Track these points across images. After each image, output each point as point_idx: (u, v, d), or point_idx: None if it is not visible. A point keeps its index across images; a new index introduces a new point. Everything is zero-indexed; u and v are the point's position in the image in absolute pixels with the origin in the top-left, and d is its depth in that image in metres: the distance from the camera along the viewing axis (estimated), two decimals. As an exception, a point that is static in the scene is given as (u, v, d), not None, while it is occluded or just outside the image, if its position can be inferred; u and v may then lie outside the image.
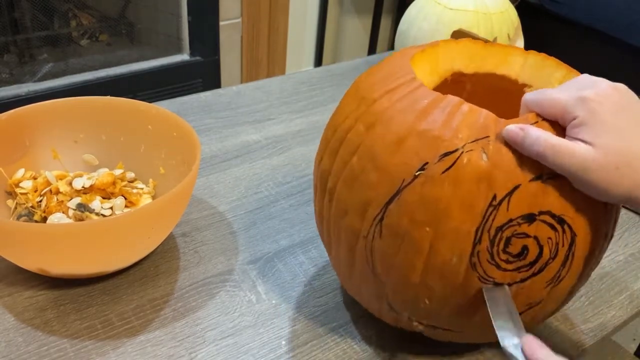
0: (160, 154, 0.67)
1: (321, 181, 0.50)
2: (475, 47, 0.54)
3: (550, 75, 0.52)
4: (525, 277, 0.43)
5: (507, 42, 0.92)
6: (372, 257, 0.46)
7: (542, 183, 0.41)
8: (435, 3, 0.92)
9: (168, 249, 0.64)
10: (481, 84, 0.55)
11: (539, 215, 0.41)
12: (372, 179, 0.44)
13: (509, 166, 0.41)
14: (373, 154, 0.44)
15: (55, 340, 0.52)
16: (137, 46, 1.85)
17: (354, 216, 0.46)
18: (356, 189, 0.45)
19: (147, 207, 0.54)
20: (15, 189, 0.63)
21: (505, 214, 0.41)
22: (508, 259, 0.42)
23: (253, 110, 0.93)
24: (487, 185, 0.41)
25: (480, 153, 0.41)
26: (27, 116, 0.64)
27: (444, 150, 0.42)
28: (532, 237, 0.42)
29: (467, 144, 0.41)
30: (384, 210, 0.44)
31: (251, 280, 0.61)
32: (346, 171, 0.46)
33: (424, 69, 0.51)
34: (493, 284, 0.44)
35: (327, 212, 0.50)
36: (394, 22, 2.48)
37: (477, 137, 0.42)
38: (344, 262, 0.50)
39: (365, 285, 0.49)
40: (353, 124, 0.47)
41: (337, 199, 0.48)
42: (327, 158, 0.49)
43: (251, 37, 1.95)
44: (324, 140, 0.51)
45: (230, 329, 0.55)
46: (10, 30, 1.56)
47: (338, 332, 0.56)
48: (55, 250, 0.52)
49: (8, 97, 1.48)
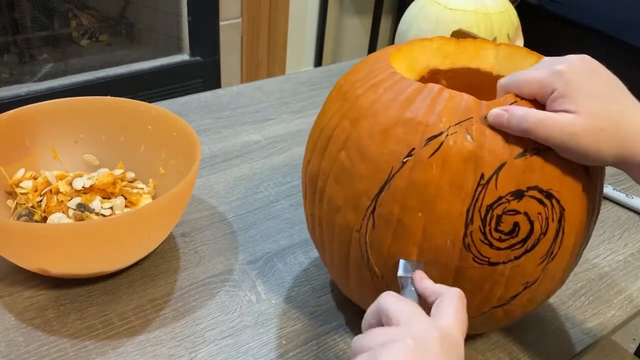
0: (160, 154, 0.67)
1: (310, 183, 0.51)
2: (448, 43, 0.56)
3: (521, 64, 0.54)
4: (519, 254, 0.44)
5: (507, 42, 0.92)
6: (367, 251, 0.46)
7: (527, 159, 0.42)
8: (435, 3, 0.92)
9: (168, 249, 0.64)
10: (456, 79, 0.56)
11: (527, 191, 0.42)
12: (361, 171, 0.45)
13: (493, 145, 0.42)
14: (361, 147, 0.45)
15: (56, 340, 0.52)
16: (137, 46, 1.85)
17: (347, 211, 0.46)
18: (347, 184, 0.46)
19: (147, 207, 0.54)
20: (15, 189, 0.63)
21: (494, 192, 0.42)
22: (501, 237, 0.43)
23: (253, 110, 0.94)
24: (474, 165, 0.42)
25: (464, 134, 0.42)
26: (27, 116, 0.64)
27: (429, 135, 0.43)
28: (522, 213, 0.42)
29: (451, 127, 0.43)
30: (375, 200, 0.44)
31: (251, 280, 0.61)
32: (335, 167, 0.47)
33: (400, 66, 0.52)
34: (488, 264, 0.44)
35: (318, 211, 0.50)
36: (393, 22, 2.48)
37: (460, 120, 0.43)
38: (338, 260, 0.50)
39: (361, 282, 0.50)
40: (339, 121, 0.48)
41: (328, 196, 0.48)
42: (314, 159, 0.50)
43: (251, 37, 1.95)
44: (311, 143, 0.52)
45: (230, 329, 0.55)
46: (10, 30, 1.56)
47: (338, 332, 0.56)
48: (56, 250, 0.52)
49: (8, 97, 1.48)
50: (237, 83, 1.98)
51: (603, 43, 1.69)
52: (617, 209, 0.77)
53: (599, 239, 0.71)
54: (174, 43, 1.81)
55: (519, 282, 0.46)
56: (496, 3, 0.91)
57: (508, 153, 0.42)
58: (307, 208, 0.53)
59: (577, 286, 0.64)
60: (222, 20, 1.82)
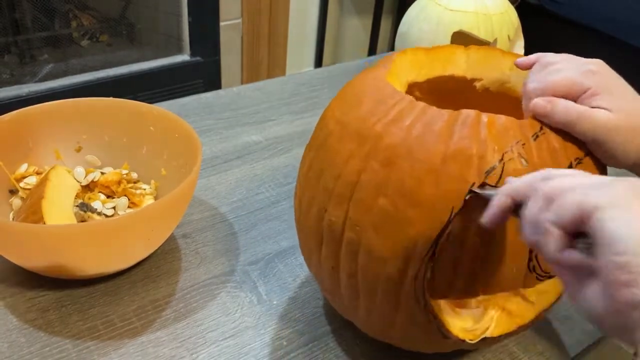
0: (162, 155, 0.67)
1: (331, 233, 0.45)
2: (419, 55, 0.54)
3: (498, 64, 0.53)
4: None
5: (507, 43, 0.92)
6: (423, 297, 0.43)
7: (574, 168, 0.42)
8: (436, 4, 0.92)
9: (169, 250, 0.64)
10: (430, 88, 0.55)
11: None
12: (412, 216, 0.41)
13: (544, 164, 0.42)
14: (405, 190, 0.41)
15: (58, 341, 0.52)
16: (138, 47, 1.85)
17: (397, 261, 0.42)
18: (393, 232, 0.42)
19: (148, 208, 0.54)
20: (18, 185, 0.63)
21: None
22: None
23: (254, 111, 0.94)
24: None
25: (519, 159, 0.41)
26: (30, 117, 0.64)
27: (486, 167, 0.40)
28: None
29: (505, 154, 0.41)
30: (435, 245, 0.41)
31: (252, 281, 0.61)
32: (373, 216, 0.42)
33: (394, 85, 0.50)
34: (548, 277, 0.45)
35: (348, 265, 0.45)
36: (394, 22, 2.48)
37: (511, 144, 0.41)
38: (383, 311, 0.46)
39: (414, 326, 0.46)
40: (363, 164, 0.43)
41: (367, 249, 0.43)
42: (335, 208, 0.45)
43: (251, 37, 1.95)
44: (321, 189, 0.46)
45: (232, 330, 0.55)
46: (11, 30, 1.56)
47: (339, 333, 0.56)
48: (57, 250, 0.52)
49: (9, 98, 1.49)
50: (238, 83, 1.98)
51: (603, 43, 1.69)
52: (617, 210, 0.77)
53: (599, 240, 0.71)
54: (174, 43, 1.81)
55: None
56: (496, 4, 0.91)
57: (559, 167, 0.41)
58: (324, 259, 0.48)
59: (577, 287, 0.64)
60: (222, 20, 1.82)
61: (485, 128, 0.41)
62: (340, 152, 0.45)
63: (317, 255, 0.49)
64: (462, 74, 0.55)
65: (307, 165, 0.49)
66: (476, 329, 0.47)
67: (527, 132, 0.42)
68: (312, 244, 0.49)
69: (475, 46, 0.55)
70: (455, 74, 0.55)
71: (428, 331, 0.46)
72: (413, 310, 0.44)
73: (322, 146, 0.47)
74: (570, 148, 0.43)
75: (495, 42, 0.90)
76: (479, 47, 0.55)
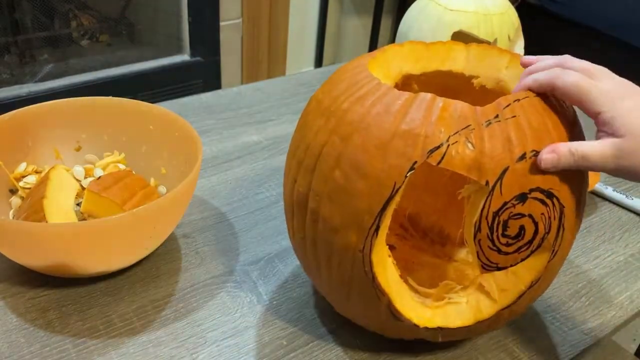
0: (162, 154, 0.67)
1: (299, 203, 0.48)
2: (418, 48, 0.55)
3: (496, 63, 0.54)
4: (525, 256, 0.45)
5: (507, 43, 0.92)
6: (371, 269, 0.45)
7: (527, 161, 0.42)
8: (436, 4, 0.92)
9: (169, 249, 0.64)
10: (428, 83, 0.55)
11: (530, 193, 0.42)
12: (360, 188, 0.43)
13: (494, 151, 0.42)
14: (357, 163, 0.43)
15: (58, 341, 0.52)
16: (138, 46, 1.85)
17: (347, 232, 0.45)
18: (344, 203, 0.44)
19: (148, 207, 0.54)
20: (17, 184, 0.63)
21: (500, 198, 0.42)
22: (508, 242, 0.43)
23: (254, 111, 0.94)
24: (478, 173, 0.42)
25: (465, 143, 0.42)
26: (29, 116, 0.64)
27: (430, 146, 0.42)
28: (527, 215, 0.43)
29: (451, 136, 0.42)
30: (379, 218, 0.43)
31: (252, 281, 0.61)
32: (329, 187, 0.45)
33: (378, 74, 0.51)
34: (496, 269, 0.45)
35: (311, 233, 0.48)
36: (394, 22, 2.48)
37: (459, 128, 0.42)
38: (338, 282, 0.48)
39: (364, 300, 0.48)
40: (327, 138, 0.46)
41: (323, 218, 0.46)
42: (302, 178, 0.48)
43: (251, 37, 1.95)
44: (295, 161, 0.49)
45: (232, 330, 0.55)
46: (10, 30, 1.56)
47: (339, 333, 0.56)
48: (59, 249, 0.52)
49: (8, 98, 1.48)
50: (238, 83, 1.98)
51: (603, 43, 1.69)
52: (618, 210, 0.77)
53: (600, 240, 0.71)
54: (174, 43, 1.81)
55: (527, 283, 0.46)
56: (496, 4, 0.91)
57: (509, 158, 0.42)
58: (296, 229, 0.50)
59: (577, 287, 0.64)
60: (222, 20, 1.82)
61: (437, 111, 0.43)
62: (312, 127, 0.48)
63: (291, 226, 0.51)
64: (461, 70, 0.55)
65: (291, 142, 0.52)
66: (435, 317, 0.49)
67: (480, 118, 0.43)
68: (288, 215, 0.51)
69: (475, 44, 0.55)
70: (453, 70, 0.55)
71: (379, 309, 0.48)
72: (364, 283, 0.46)
73: (303, 123, 0.51)
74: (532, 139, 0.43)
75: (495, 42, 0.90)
76: (478, 44, 0.55)
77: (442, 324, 0.48)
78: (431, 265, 0.59)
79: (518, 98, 0.44)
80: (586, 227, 0.73)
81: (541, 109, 0.44)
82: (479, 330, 0.51)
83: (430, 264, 0.59)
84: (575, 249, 0.69)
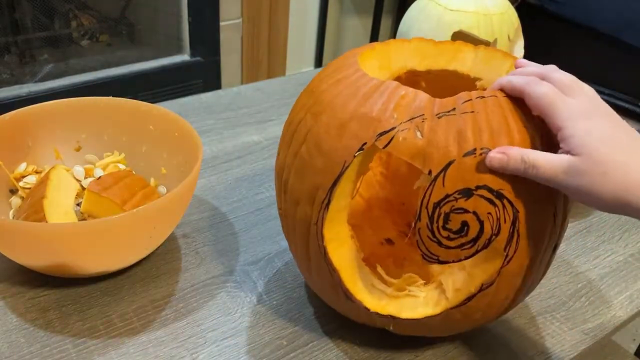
0: (162, 154, 0.67)
1: (277, 176, 0.51)
2: (427, 45, 0.56)
3: (498, 67, 0.54)
4: (470, 254, 0.44)
5: (507, 43, 0.92)
6: (323, 244, 0.47)
7: (476, 158, 0.42)
8: (436, 4, 0.92)
9: (169, 249, 0.64)
10: (435, 81, 0.56)
11: (476, 190, 0.42)
12: (318, 164, 0.46)
13: (442, 142, 0.42)
14: (319, 141, 0.46)
15: (58, 341, 0.52)
16: (138, 47, 1.85)
17: (305, 205, 0.47)
18: (305, 177, 0.47)
19: (148, 207, 0.54)
20: (17, 184, 0.63)
21: (442, 190, 0.42)
22: (449, 236, 0.43)
23: (254, 111, 0.94)
24: (422, 162, 0.42)
25: (414, 131, 0.43)
26: (29, 116, 0.64)
27: (380, 130, 0.43)
28: (471, 212, 0.42)
29: (403, 123, 0.43)
30: (329, 194, 0.45)
31: (252, 281, 0.61)
32: (296, 161, 0.48)
33: (373, 65, 0.52)
34: (438, 262, 0.45)
35: (283, 205, 0.51)
36: (394, 22, 2.48)
37: (412, 117, 0.43)
38: (301, 253, 0.51)
39: (320, 274, 0.50)
40: (303, 116, 0.49)
41: (290, 190, 0.49)
42: (282, 153, 0.51)
43: (251, 37, 1.95)
44: (281, 137, 0.53)
45: (232, 330, 0.55)
46: (10, 31, 1.56)
47: (339, 333, 0.56)
48: (59, 249, 0.52)
49: (8, 98, 1.48)
50: (238, 83, 1.98)
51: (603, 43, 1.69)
52: (618, 210, 0.77)
53: (599, 240, 0.71)
54: (174, 43, 1.81)
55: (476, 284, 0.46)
56: (496, 4, 0.91)
57: (457, 151, 0.42)
58: (278, 203, 0.53)
59: (577, 287, 0.64)
60: (222, 20, 1.82)
61: (396, 99, 0.44)
62: (296, 107, 0.51)
63: (278, 201, 0.54)
64: (467, 71, 0.55)
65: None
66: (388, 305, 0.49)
67: (436, 110, 0.43)
68: (276, 190, 0.54)
69: (483, 46, 0.55)
70: (459, 70, 0.55)
71: (333, 286, 0.49)
72: (318, 257, 0.48)
73: (295, 102, 0.53)
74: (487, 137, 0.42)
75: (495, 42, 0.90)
76: (485, 47, 0.55)
77: (393, 313, 0.49)
78: (421, 264, 0.58)
79: (483, 95, 0.44)
80: (586, 227, 0.73)
81: (508, 110, 0.44)
82: (432, 326, 0.50)
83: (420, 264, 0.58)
84: (575, 249, 0.69)
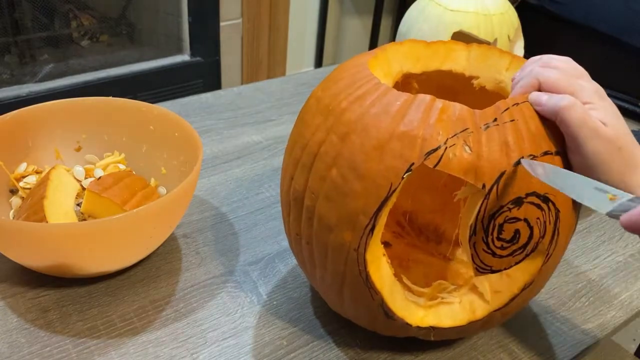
0: (162, 154, 0.67)
1: (295, 201, 0.48)
2: (419, 47, 0.55)
3: (496, 64, 0.53)
4: (519, 259, 0.44)
5: (507, 43, 0.92)
6: (365, 268, 0.45)
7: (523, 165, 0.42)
8: (436, 4, 0.92)
9: (170, 250, 0.64)
10: (428, 82, 0.55)
11: (526, 197, 0.42)
12: (357, 188, 0.43)
13: (491, 154, 0.42)
14: (354, 163, 0.43)
15: (58, 341, 0.52)
16: (138, 47, 1.85)
17: (342, 231, 0.45)
18: (341, 203, 0.44)
19: (148, 207, 0.54)
20: (17, 184, 0.63)
21: (496, 202, 0.42)
22: (502, 245, 0.43)
23: (254, 111, 0.94)
24: (475, 176, 0.42)
25: (462, 146, 0.42)
26: (30, 117, 0.64)
27: (427, 149, 0.42)
28: (522, 220, 0.43)
29: (449, 139, 0.42)
30: (374, 218, 0.43)
31: (252, 281, 0.61)
32: (326, 186, 0.45)
33: (378, 73, 0.51)
34: (490, 272, 0.45)
35: (307, 231, 0.48)
36: (394, 22, 2.48)
37: (457, 131, 0.42)
38: (332, 280, 0.48)
39: (357, 299, 0.48)
40: (325, 137, 0.46)
41: (319, 216, 0.46)
42: (299, 176, 0.47)
43: (251, 37, 1.95)
44: (292, 158, 0.49)
45: (232, 330, 0.55)
46: (11, 31, 1.56)
47: (339, 333, 0.56)
48: (60, 249, 0.52)
49: (8, 98, 1.49)
50: (238, 83, 1.98)
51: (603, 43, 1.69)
52: (618, 210, 0.77)
53: (599, 240, 0.71)
54: (174, 43, 1.81)
55: (519, 286, 0.46)
56: (496, 4, 0.91)
57: (506, 162, 0.42)
58: (291, 226, 0.50)
59: (577, 287, 0.64)
60: (222, 20, 1.82)
61: (436, 113, 0.43)
62: (310, 125, 0.48)
63: (287, 223, 0.51)
64: (461, 70, 0.55)
65: (289, 139, 0.52)
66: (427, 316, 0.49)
67: (479, 122, 0.43)
68: (285, 212, 0.51)
69: (476, 44, 0.55)
70: (453, 70, 0.55)
71: (372, 308, 0.48)
72: (357, 282, 0.46)
73: (301, 120, 0.50)
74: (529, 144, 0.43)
75: (495, 42, 0.90)
76: (479, 45, 0.54)
77: (434, 324, 0.48)
78: (426, 263, 0.59)
79: (517, 102, 0.44)
80: (586, 228, 0.73)
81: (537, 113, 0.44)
82: (471, 330, 0.51)
83: (425, 262, 0.59)
84: (575, 249, 0.69)
